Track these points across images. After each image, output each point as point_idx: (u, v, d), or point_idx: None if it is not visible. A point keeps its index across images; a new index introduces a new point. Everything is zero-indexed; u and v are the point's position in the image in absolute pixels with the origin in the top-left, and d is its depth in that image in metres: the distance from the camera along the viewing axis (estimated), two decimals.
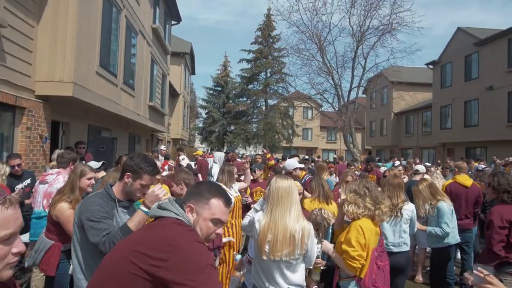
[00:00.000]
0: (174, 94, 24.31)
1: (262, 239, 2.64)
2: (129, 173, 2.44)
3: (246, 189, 5.82)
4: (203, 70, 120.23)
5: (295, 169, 5.80)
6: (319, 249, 3.20)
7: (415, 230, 4.40)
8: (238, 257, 3.39)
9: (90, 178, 3.51)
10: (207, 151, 28.12)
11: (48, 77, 7.08)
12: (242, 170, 5.85)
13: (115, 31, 9.95)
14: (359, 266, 2.89)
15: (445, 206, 4.68)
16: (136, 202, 2.60)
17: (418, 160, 16.86)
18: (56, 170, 4.58)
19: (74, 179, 3.39)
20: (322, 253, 3.25)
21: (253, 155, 14.29)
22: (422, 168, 7.54)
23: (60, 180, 4.20)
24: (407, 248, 4.16)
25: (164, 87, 17.51)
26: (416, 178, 6.84)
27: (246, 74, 41.54)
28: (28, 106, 6.78)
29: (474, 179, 6.76)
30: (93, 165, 4.37)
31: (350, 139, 22.16)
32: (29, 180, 5.56)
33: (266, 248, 2.62)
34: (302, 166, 6.10)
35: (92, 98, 8.13)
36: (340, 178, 7.60)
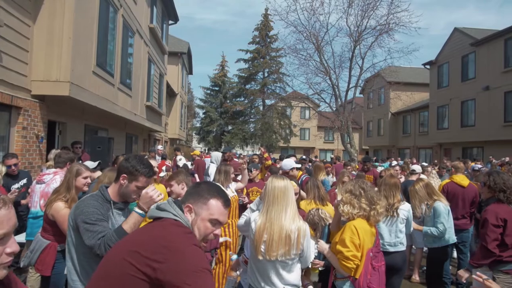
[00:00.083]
0: (172, 94, 24.28)
1: (258, 239, 2.63)
2: (125, 174, 2.42)
3: (242, 189, 5.82)
4: (201, 70, 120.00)
5: (292, 169, 5.81)
6: (316, 249, 3.20)
7: (411, 230, 4.41)
8: (234, 257, 3.39)
9: (86, 177, 3.50)
10: (205, 151, 28.15)
11: (44, 76, 7.05)
12: (239, 170, 5.85)
13: (112, 31, 9.93)
14: (354, 266, 2.88)
15: (441, 206, 4.68)
16: (131, 204, 2.59)
17: (415, 160, 16.91)
18: (53, 170, 4.58)
19: (70, 179, 3.37)
20: (318, 253, 3.25)
21: (250, 155, 14.30)
22: (418, 168, 7.56)
23: (57, 180, 4.19)
24: (404, 248, 4.16)
25: (161, 87, 17.47)
26: (412, 178, 6.85)
27: (243, 74, 41.60)
28: (24, 105, 6.76)
29: (470, 179, 6.78)
30: (89, 165, 4.35)
31: (348, 139, 22.20)
32: (25, 180, 5.55)
33: (262, 248, 2.62)
34: (298, 166, 6.11)
35: (88, 97, 8.11)
36: (337, 178, 7.61)
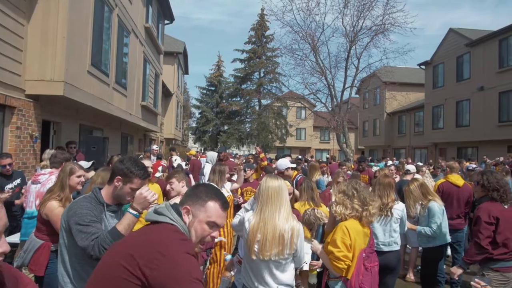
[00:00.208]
0: (167, 94, 24.22)
1: (252, 239, 2.64)
2: (119, 176, 2.40)
3: (237, 189, 5.81)
4: (197, 70, 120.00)
5: (287, 168, 5.81)
6: (310, 249, 3.20)
7: (406, 229, 4.42)
8: (228, 257, 3.38)
9: (79, 176, 3.48)
10: (201, 151, 28.11)
11: (38, 76, 7.02)
12: (234, 170, 5.84)
13: (107, 30, 9.89)
14: (345, 267, 2.88)
15: (436, 206, 4.69)
16: (124, 205, 2.58)
17: (410, 160, 16.96)
18: (49, 170, 4.55)
19: (63, 178, 3.36)
20: (313, 253, 3.25)
21: (246, 155, 14.30)
22: (412, 168, 7.59)
23: (52, 180, 4.16)
24: (398, 247, 4.18)
25: (157, 87, 17.43)
26: (407, 178, 6.88)
27: (239, 74, 41.57)
28: (18, 105, 6.72)
29: (464, 179, 6.82)
30: (83, 165, 4.33)
31: (343, 139, 22.27)
32: (19, 180, 5.51)
33: (256, 247, 2.62)
34: (293, 166, 6.10)
35: (83, 97, 8.08)
36: (332, 178, 7.63)
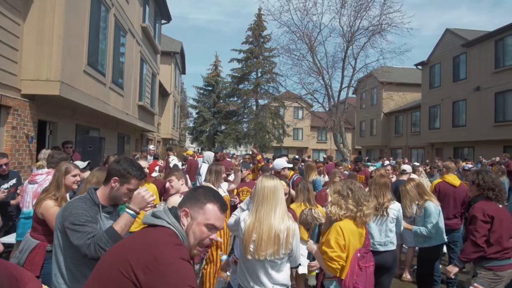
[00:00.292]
0: (164, 94, 24.18)
1: (247, 239, 2.64)
2: (116, 177, 2.40)
3: (234, 189, 5.81)
4: (194, 70, 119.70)
5: (283, 168, 5.81)
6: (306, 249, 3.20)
7: (402, 229, 4.43)
8: (224, 257, 3.38)
9: (75, 175, 3.48)
10: (198, 151, 28.08)
11: (34, 75, 6.98)
12: (231, 170, 5.84)
13: (104, 30, 9.86)
14: (338, 267, 2.87)
15: (432, 206, 4.70)
16: (120, 206, 2.58)
17: (406, 160, 17.02)
18: (45, 170, 4.53)
19: (59, 177, 3.35)
20: (309, 254, 3.25)
21: (243, 155, 14.30)
22: (408, 167, 7.60)
23: (49, 180, 4.15)
24: (394, 247, 4.19)
25: (154, 87, 17.39)
26: (403, 178, 6.89)
27: (236, 74, 41.58)
28: (13, 105, 6.69)
29: (460, 179, 6.85)
30: (79, 165, 4.32)
31: (340, 139, 22.31)
32: (14, 180, 5.47)
33: (251, 247, 2.62)
34: (290, 166, 6.11)
35: (79, 97, 8.05)
36: (329, 177, 7.64)
